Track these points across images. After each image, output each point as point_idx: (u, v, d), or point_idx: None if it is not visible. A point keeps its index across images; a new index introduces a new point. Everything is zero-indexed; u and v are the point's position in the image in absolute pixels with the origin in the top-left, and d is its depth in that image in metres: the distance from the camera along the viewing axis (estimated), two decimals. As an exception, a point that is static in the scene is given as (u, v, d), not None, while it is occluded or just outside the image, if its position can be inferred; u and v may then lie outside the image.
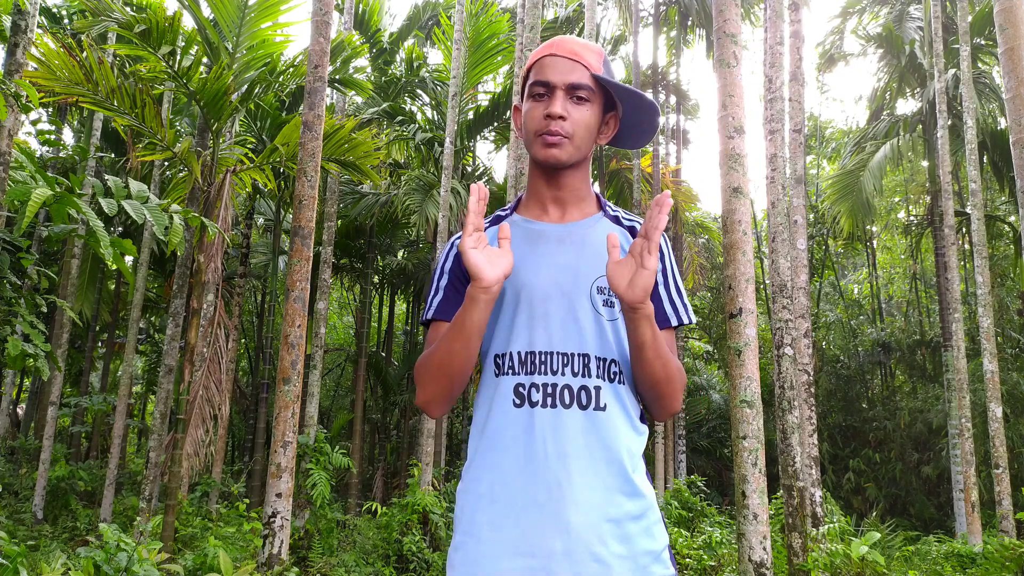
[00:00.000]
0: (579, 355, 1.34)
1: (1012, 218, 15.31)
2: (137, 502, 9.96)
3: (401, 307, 20.14)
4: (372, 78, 12.77)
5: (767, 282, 14.51)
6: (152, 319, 16.95)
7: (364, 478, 15.01)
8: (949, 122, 12.14)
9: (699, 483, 11.56)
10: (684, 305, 1.44)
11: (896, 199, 18.74)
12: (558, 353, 1.35)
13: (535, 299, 1.37)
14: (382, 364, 15.46)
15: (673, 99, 17.11)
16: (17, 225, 4.62)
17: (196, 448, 7.03)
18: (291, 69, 7.89)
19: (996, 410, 9.05)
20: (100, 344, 16.07)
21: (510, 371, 1.36)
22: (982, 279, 9.62)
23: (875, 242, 20.46)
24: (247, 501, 8.92)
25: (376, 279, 16.58)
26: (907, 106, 16.83)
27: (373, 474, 15.18)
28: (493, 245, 1.39)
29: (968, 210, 11.36)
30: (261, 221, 15.21)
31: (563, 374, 1.33)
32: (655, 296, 1.42)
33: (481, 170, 14.49)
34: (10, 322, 4.96)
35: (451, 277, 1.44)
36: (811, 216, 17.26)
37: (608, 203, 1.52)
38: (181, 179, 9.27)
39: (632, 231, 1.48)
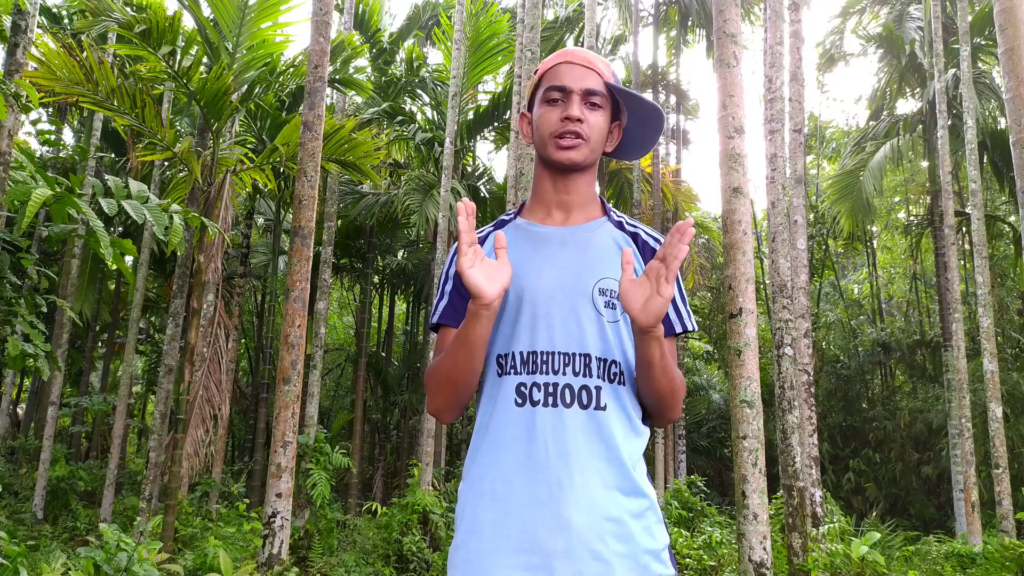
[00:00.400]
0: (580, 355, 1.35)
1: (1012, 218, 15.31)
2: (137, 502, 9.96)
3: (401, 307, 20.14)
4: (372, 78, 12.77)
5: (767, 282, 14.51)
6: (152, 319, 16.95)
7: (364, 478, 15.00)
8: (949, 122, 12.13)
9: (699, 483, 11.56)
10: (687, 312, 1.45)
11: (896, 199, 18.74)
12: (559, 353, 1.35)
13: (538, 300, 1.38)
14: (382, 364, 15.46)
15: (673, 99, 17.10)
16: (17, 225, 4.62)
17: (196, 448, 7.04)
18: (291, 69, 7.90)
19: (996, 410, 9.05)
20: (100, 344, 16.07)
21: (512, 371, 1.37)
22: (982, 279, 9.62)
23: (875, 242, 20.46)
24: (247, 501, 8.91)
25: (376, 279, 16.58)
26: (907, 106, 16.83)
27: (373, 474, 15.18)
28: (494, 249, 1.39)
29: (968, 210, 11.36)
30: (261, 221, 15.20)
31: (564, 374, 1.34)
32: None
33: (481, 170, 14.47)
34: (10, 322, 4.96)
35: (456, 282, 1.46)
36: (811, 216, 17.26)
37: (612, 208, 1.53)
38: (181, 179, 9.27)
39: (635, 237, 1.48)
